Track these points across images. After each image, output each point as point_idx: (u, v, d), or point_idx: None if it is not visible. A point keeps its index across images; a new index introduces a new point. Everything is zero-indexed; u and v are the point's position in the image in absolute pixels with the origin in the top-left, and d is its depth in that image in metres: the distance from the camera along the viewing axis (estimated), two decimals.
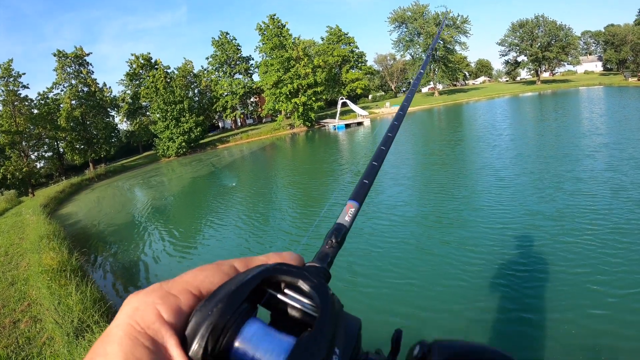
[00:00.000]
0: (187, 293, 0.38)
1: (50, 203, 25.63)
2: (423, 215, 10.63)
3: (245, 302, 0.37)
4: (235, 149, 46.34)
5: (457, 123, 34.72)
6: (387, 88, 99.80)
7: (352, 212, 0.59)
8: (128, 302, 0.37)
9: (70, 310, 6.28)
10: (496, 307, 5.86)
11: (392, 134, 0.84)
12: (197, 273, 0.40)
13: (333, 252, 0.52)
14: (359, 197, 0.63)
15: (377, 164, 0.74)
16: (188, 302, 0.37)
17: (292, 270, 0.40)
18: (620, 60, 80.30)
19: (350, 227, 0.57)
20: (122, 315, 0.36)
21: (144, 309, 0.35)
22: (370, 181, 0.68)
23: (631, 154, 13.12)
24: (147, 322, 0.34)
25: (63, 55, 49.66)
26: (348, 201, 0.61)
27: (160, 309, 0.36)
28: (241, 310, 0.36)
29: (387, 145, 0.79)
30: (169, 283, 0.39)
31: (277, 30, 53.18)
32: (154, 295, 0.37)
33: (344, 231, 0.56)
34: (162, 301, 0.36)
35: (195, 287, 0.39)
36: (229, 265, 0.43)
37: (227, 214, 14.97)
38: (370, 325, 5.83)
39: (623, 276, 5.97)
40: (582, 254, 6.81)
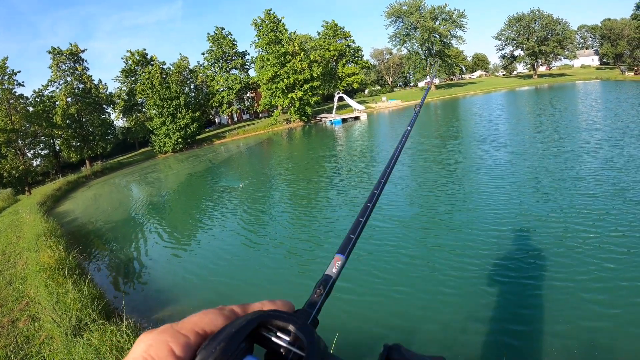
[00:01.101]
0: (194, 333, 0.43)
1: (47, 201, 25.58)
2: (415, 217, 10.51)
3: (243, 342, 0.42)
4: (232, 144, 46.28)
5: (454, 117, 34.78)
6: (383, 82, 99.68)
7: (339, 264, 0.64)
8: (142, 339, 0.41)
9: (68, 308, 6.29)
10: (491, 312, 5.85)
11: (377, 190, 0.89)
12: (203, 316, 0.45)
13: (321, 301, 0.56)
14: (346, 251, 0.68)
15: (363, 219, 0.77)
16: (195, 341, 0.42)
17: (283, 316, 0.46)
18: (616, 54, 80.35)
19: (337, 278, 0.62)
20: (137, 350, 0.40)
21: (157, 346, 0.40)
22: (356, 236, 0.72)
23: (630, 151, 13.02)
24: (160, 356, 0.39)
25: (58, 53, 49.34)
26: (335, 254, 0.66)
27: (172, 346, 0.40)
28: (240, 349, 0.41)
29: (372, 202, 0.83)
30: (178, 324, 0.44)
31: (273, 25, 53.00)
32: (166, 334, 0.41)
33: (331, 281, 0.60)
34: (173, 339, 0.41)
35: (201, 328, 0.44)
36: (230, 310, 0.48)
37: (224, 210, 15.01)
38: (356, 334, 5.90)
39: (621, 276, 5.97)
40: (579, 254, 6.78)
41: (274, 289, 7.92)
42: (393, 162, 1.10)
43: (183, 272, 9.71)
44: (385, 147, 24.99)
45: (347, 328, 5.40)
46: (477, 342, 5.26)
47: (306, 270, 8.52)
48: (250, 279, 8.64)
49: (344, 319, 6.03)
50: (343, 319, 6.01)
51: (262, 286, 8.17)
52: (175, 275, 9.55)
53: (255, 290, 8.05)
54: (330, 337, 4.84)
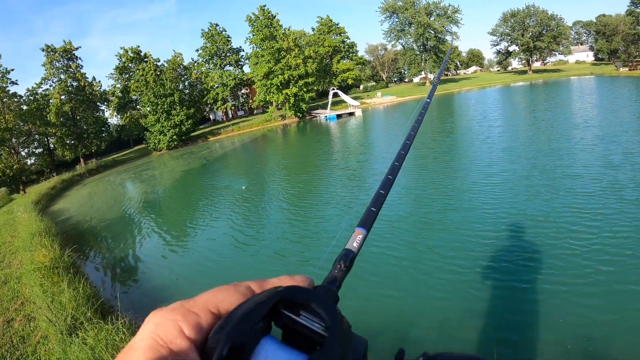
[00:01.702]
0: (206, 311, 0.40)
1: (42, 200, 25.51)
2: (407, 215, 10.46)
3: (260, 322, 0.39)
4: (227, 141, 46.22)
5: (448, 113, 34.83)
6: (378, 78, 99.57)
7: (360, 238, 0.61)
8: (151, 318, 0.39)
9: (64, 307, 6.31)
10: (485, 308, 5.88)
11: (399, 162, 0.89)
12: (216, 293, 0.43)
13: (341, 276, 0.54)
14: (367, 225, 0.65)
15: (384, 192, 0.76)
16: (208, 320, 0.40)
17: (304, 292, 0.43)
18: (611, 50, 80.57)
19: (357, 253, 0.59)
20: (145, 330, 0.38)
21: (167, 325, 0.38)
22: (378, 209, 0.70)
23: (626, 148, 12.91)
24: (169, 337, 0.37)
25: (52, 50, 48.98)
26: (356, 228, 0.63)
27: (182, 325, 0.38)
28: (257, 329, 0.38)
29: (393, 174, 0.82)
30: (189, 302, 0.41)
31: (268, 21, 52.83)
32: (176, 312, 0.39)
33: (352, 256, 0.58)
34: (184, 318, 0.39)
35: (215, 306, 0.41)
36: (245, 287, 0.45)
37: (219, 207, 15.04)
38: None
39: (614, 272, 6.01)
40: (573, 253, 6.78)
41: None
42: (414, 133, 1.11)
43: (178, 269, 9.75)
44: (381, 143, 25.04)
45: None
46: (471, 339, 5.30)
47: (302, 267, 8.56)
48: (245, 275, 8.69)
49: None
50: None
51: (259, 277, 8.21)
52: (170, 273, 9.58)
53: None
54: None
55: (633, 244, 6.76)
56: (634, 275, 5.91)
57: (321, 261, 8.27)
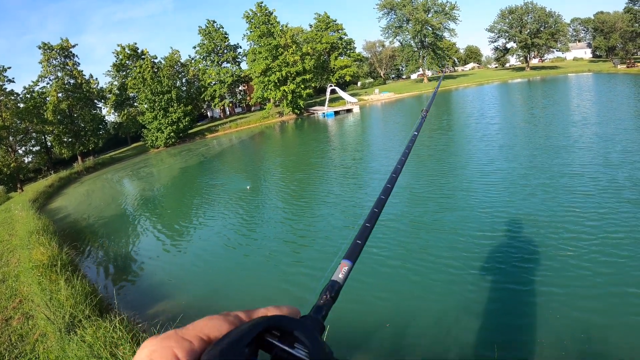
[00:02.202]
0: (198, 339, 0.42)
1: (39, 198, 25.48)
2: (403, 214, 10.44)
3: (247, 347, 0.41)
4: (225, 138, 46.19)
5: (446, 110, 34.83)
6: (376, 75, 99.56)
7: (346, 270, 0.63)
8: (146, 345, 0.41)
9: (62, 305, 6.32)
10: (483, 307, 5.91)
11: (385, 196, 0.89)
12: (207, 322, 0.45)
13: (327, 306, 0.56)
14: (352, 257, 0.67)
15: (370, 225, 0.77)
16: (200, 346, 0.42)
17: (288, 321, 0.45)
18: (609, 47, 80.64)
19: (343, 284, 0.61)
20: (141, 356, 0.40)
21: (162, 352, 0.40)
22: (363, 242, 0.72)
23: (625, 147, 12.81)
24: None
25: (48, 48, 48.77)
26: (342, 260, 0.65)
27: (176, 352, 0.40)
28: (244, 354, 0.40)
29: (379, 207, 0.82)
30: (182, 330, 0.43)
31: (265, 17, 52.72)
32: (170, 340, 0.41)
33: (338, 287, 0.60)
34: (178, 345, 0.41)
35: (206, 334, 0.43)
36: (234, 316, 0.47)
37: (216, 205, 15.07)
38: (347, 329, 5.96)
39: (615, 275, 6.00)
40: (573, 253, 6.78)
41: (267, 281, 8.01)
42: (401, 167, 1.11)
43: (176, 267, 9.79)
44: (379, 140, 25.06)
45: (337, 325, 5.46)
46: (468, 341, 5.34)
47: (303, 268, 8.60)
48: (243, 272, 8.74)
49: (333, 316, 6.08)
50: (332, 316, 6.07)
51: (254, 278, 8.27)
52: (168, 270, 9.61)
53: (248, 283, 8.17)
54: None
55: (631, 244, 6.75)
56: (631, 275, 5.93)
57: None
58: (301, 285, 7.55)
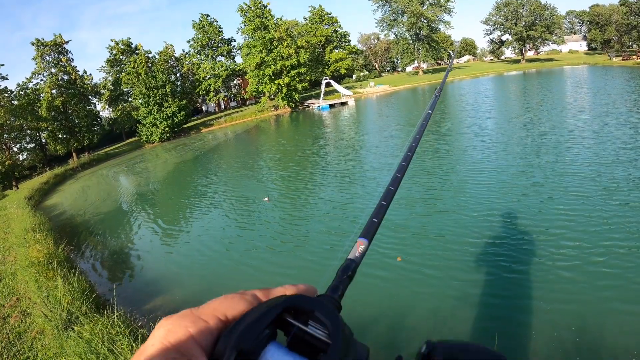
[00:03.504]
0: (215, 318, 0.42)
1: (35, 195, 25.38)
2: (401, 206, 10.44)
3: (266, 329, 0.40)
4: (220, 132, 46.08)
5: (441, 102, 34.82)
6: (371, 68, 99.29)
7: (362, 249, 0.63)
8: (162, 324, 0.41)
9: (59, 302, 6.36)
10: (480, 297, 5.97)
11: (401, 174, 0.88)
12: (223, 301, 0.45)
13: (344, 285, 0.55)
14: (369, 235, 0.67)
15: (386, 203, 0.77)
16: (216, 326, 0.42)
17: (308, 300, 0.45)
18: (604, 40, 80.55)
19: (359, 263, 0.60)
20: (156, 335, 0.40)
21: (177, 331, 0.40)
22: (379, 220, 0.72)
23: (625, 143, 12.49)
24: (180, 342, 0.39)
25: (41, 44, 48.26)
26: (358, 238, 0.65)
27: (192, 331, 0.40)
28: (263, 335, 0.40)
29: (395, 185, 0.83)
30: (199, 309, 0.43)
31: (259, 11, 52.44)
32: (186, 319, 0.41)
33: (354, 266, 0.59)
34: (193, 324, 0.41)
35: (222, 313, 0.43)
36: (252, 295, 0.47)
37: (213, 199, 15.09)
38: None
39: (609, 264, 6.06)
40: (569, 245, 6.82)
41: (267, 277, 8.03)
42: (415, 145, 1.09)
43: (173, 262, 9.83)
44: (374, 133, 25.07)
45: None
46: (465, 329, 5.41)
47: (299, 258, 8.64)
48: (240, 266, 8.77)
49: None
50: None
51: (253, 274, 8.29)
52: (165, 266, 9.66)
53: (247, 275, 8.20)
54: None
55: (627, 239, 6.78)
56: (625, 270, 5.98)
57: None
58: (297, 275, 7.59)
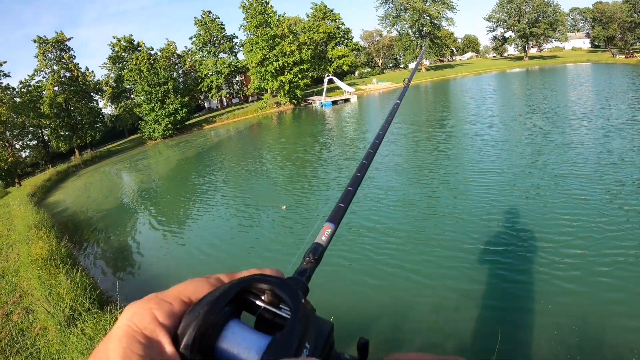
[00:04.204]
0: (179, 300, 0.43)
1: (38, 192, 25.46)
2: (400, 202, 10.45)
3: (227, 307, 0.42)
4: (222, 129, 46.06)
5: (444, 100, 34.76)
6: (373, 64, 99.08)
7: (329, 232, 0.63)
8: (127, 308, 0.42)
9: (62, 299, 6.34)
10: (483, 295, 5.94)
11: (367, 161, 0.88)
12: (188, 284, 0.46)
13: (311, 268, 0.56)
14: (336, 220, 0.67)
15: (353, 189, 0.77)
16: (180, 308, 0.43)
17: (267, 279, 0.45)
18: (608, 37, 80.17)
19: (326, 247, 0.61)
20: (122, 319, 0.41)
21: (141, 313, 0.41)
22: (346, 205, 0.72)
23: (631, 143, 12.11)
24: (144, 324, 0.40)
25: (43, 41, 48.29)
26: (325, 223, 0.66)
27: (156, 313, 0.41)
28: (223, 313, 0.41)
29: (362, 172, 0.84)
30: (163, 293, 0.44)
31: (261, 7, 52.31)
32: (151, 302, 0.42)
33: (321, 250, 0.60)
34: (158, 307, 0.42)
35: (186, 295, 0.44)
36: (216, 278, 0.48)
37: (215, 195, 15.09)
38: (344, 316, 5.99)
39: (618, 283, 5.85)
40: (570, 245, 6.75)
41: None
42: (382, 133, 1.10)
43: (176, 257, 9.84)
44: (376, 130, 24.89)
45: (332, 312, 5.50)
46: (468, 325, 5.37)
47: (299, 254, 8.60)
48: (243, 263, 8.76)
49: (330, 302, 6.13)
50: (329, 301, 6.12)
51: (256, 266, 8.26)
52: (168, 262, 9.66)
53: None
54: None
55: (635, 247, 6.60)
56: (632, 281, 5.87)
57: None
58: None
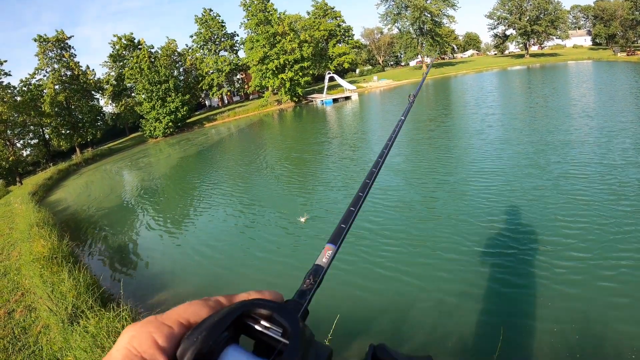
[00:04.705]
0: (178, 324, 0.43)
1: (39, 191, 25.49)
2: (400, 201, 10.41)
3: (226, 332, 0.42)
4: (223, 127, 46.06)
5: (444, 98, 34.66)
6: (374, 62, 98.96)
7: (330, 254, 0.63)
8: (127, 331, 0.42)
9: (64, 297, 6.34)
10: (484, 297, 5.90)
11: (370, 180, 0.87)
12: (187, 307, 0.46)
13: (311, 290, 0.56)
14: (336, 241, 0.67)
15: (354, 209, 0.76)
16: (179, 331, 0.42)
17: (267, 304, 0.45)
18: (609, 35, 79.81)
19: (327, 268, 0.61)
20: (121, 342, 0.41)
21: (141, 337, 0.41)
22: (348, 226, 0.71)
23: (635, 142, 11.93)
24: (143, 347, 0.40)
25: (44, 40, 48.22)
26: (326, 244, 0.65)
27: (155, 337, 0.41)
28: (222, 338, 0.41)
29: (364, 191, 0.82)
30: (162, 316, 0.44)
31: (262, 5, 52.28)
32: (150, 325, 0.42)
33: (322, 272, 0.59)
34: (157, 330, 0.41)
35: (185, 318, 0.44)
36: (215, 301, 0.48)
37: (217, 194, 15.07)
38: (345, 320, 5.95)
39: (622, 288, 5.77)
40: (572, 246, 6.71)
41: (269, 271, 8.01)
42: (386, 152, 1.07)
43: (178, 255, 9.83)
44: (377, 128, 24.95)
45: (334, 315, 5.44)
46: (470, 323, 5.36)
47: (301, 254, 8.61)
48: (245, 260, 8.76)
49: (332, 305, 6.08)
50: (331, 305, 6.08)
51: (257, 268, 8.28)
52: (170, 260, 9.67)
53: (250, 272, 8.18)
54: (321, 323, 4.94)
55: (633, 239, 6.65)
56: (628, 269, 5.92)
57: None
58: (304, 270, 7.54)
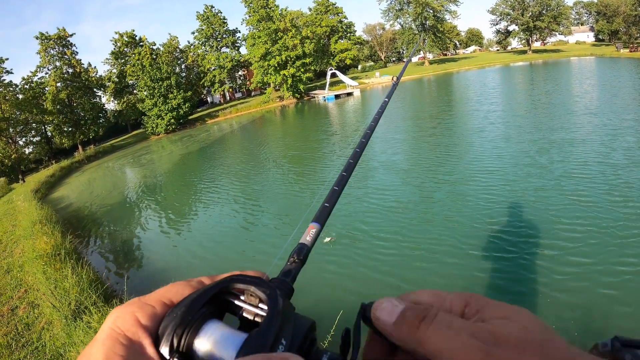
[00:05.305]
0: (160, 303, 0.44)
1: (41, 188, 25.56)
2: (400, 198, 10.37)
3: (205, 307, 0.43)
4: (225, 123, 46.08)
5: (446, 94, 34.52)
6: (376, 58, 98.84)
7: (314, 232, 0.63)
8: (111, 313, 0.43)
9: (67, 293, 6.36)
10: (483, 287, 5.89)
11: (354, 160, 0.86)
12: (170, 287, 0.47)
13: (296, 269, 0.56)
14: (321, 220, 0.67)
15: (338, 188, 0.76)
16: (162, 310, 0.44)
17: (245, 279, 0.46)
18: (612, 31, 79.33)
19: (312, 247, 0.61)
20: (106, 323, 0.42)
21: (124, 317, 0.42)
22: (331, 205, 0.72)
23: (638, 141, 11.54)
24: (126, 326, 0.41)
25: (46, 38, 48.36)
26: (310, 223, 0.65)
27: (138, 316, 0.42)
28: (201, 313, 0.42)
29: (348, 171, 0.81)
30: (145, 297, 0.45)
31: (264, 1, 52.10)
32: (133, 305, 0.43)
33: (306, 250, 0.60)
34: (140, 310, 0.43)
35: (168, 298, 0.45)
36: (197, 281, 0.49)
37: (219, 190, 15.06)
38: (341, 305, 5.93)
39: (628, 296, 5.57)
40: (572, 245, 6.62)
41: (274, 268, 7.97)
42: (370, 132, 1.08)
43: (182, 251, 9.83)
44: (379, 124, 24.74)
45: (329, 299, 5.42)
46: None
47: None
48: (248, 256, 8.74)
49: (327, 289, 6.16)
50: (326, 289, 6.15)
51: (264, 263, 8.25)
52: (174, 255, 9.68)
53: (258, 268, 8.12)
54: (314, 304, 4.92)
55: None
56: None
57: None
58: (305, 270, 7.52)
